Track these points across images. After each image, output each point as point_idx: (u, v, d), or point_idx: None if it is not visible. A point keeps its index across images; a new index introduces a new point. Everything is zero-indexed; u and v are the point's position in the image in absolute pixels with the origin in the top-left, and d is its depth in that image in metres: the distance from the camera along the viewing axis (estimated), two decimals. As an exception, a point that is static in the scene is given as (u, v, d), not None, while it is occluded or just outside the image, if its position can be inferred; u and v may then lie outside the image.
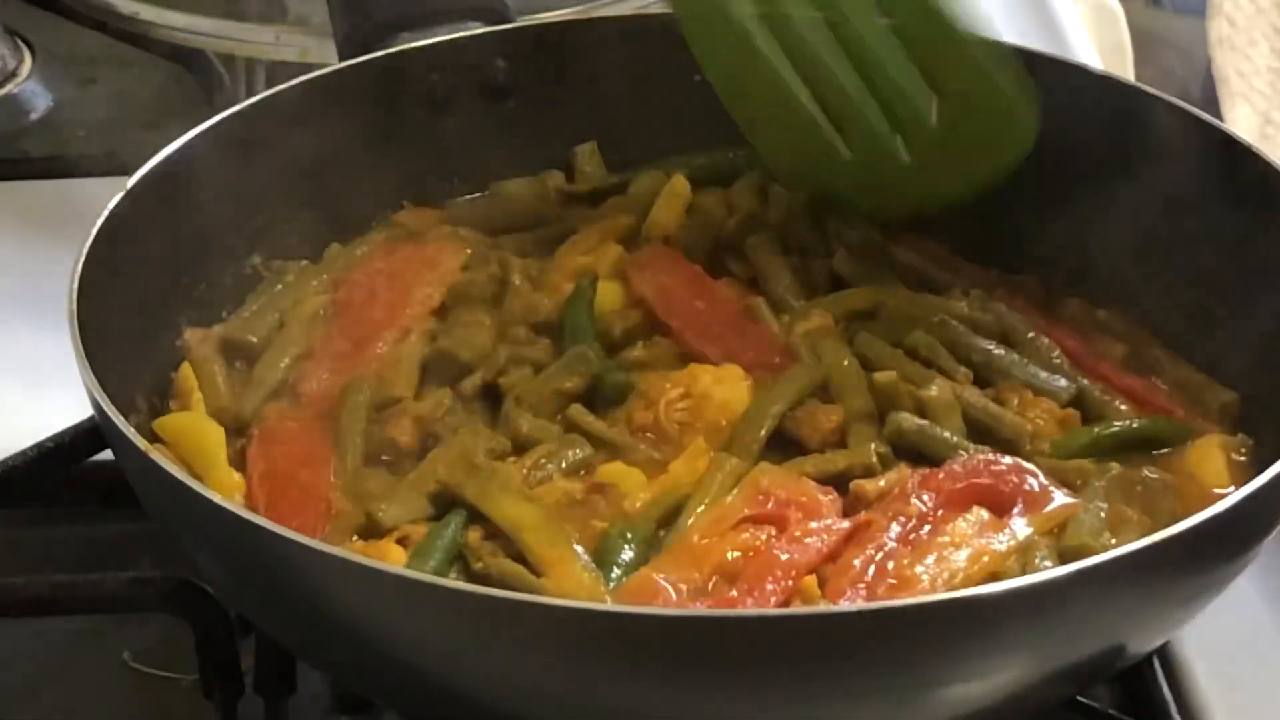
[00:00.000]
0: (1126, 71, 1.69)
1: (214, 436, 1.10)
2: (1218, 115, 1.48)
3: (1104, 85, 1.26)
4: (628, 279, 1.20)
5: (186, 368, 1.15)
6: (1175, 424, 1.13)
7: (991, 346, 1.16)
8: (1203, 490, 1.08)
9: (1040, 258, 1.25)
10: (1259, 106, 1.65)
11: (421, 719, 1.08)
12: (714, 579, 1.00)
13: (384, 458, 1.10)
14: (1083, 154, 1.25)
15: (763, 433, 1.10)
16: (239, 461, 1.10)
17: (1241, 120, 1.58)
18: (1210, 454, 1.10)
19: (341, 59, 1.29)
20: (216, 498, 0.95)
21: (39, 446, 1.17)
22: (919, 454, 1.09)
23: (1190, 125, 1.21)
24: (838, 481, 1.07)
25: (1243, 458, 1.10)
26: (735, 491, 1.05)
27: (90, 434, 1.16)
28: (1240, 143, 1.18)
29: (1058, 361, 1.16)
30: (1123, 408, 1.14)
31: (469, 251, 1.23)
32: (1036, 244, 1.25)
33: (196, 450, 1.09)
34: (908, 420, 1.09)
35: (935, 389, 1.11)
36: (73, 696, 1.13)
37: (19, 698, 1.13)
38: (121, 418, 0.99)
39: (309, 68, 1.29)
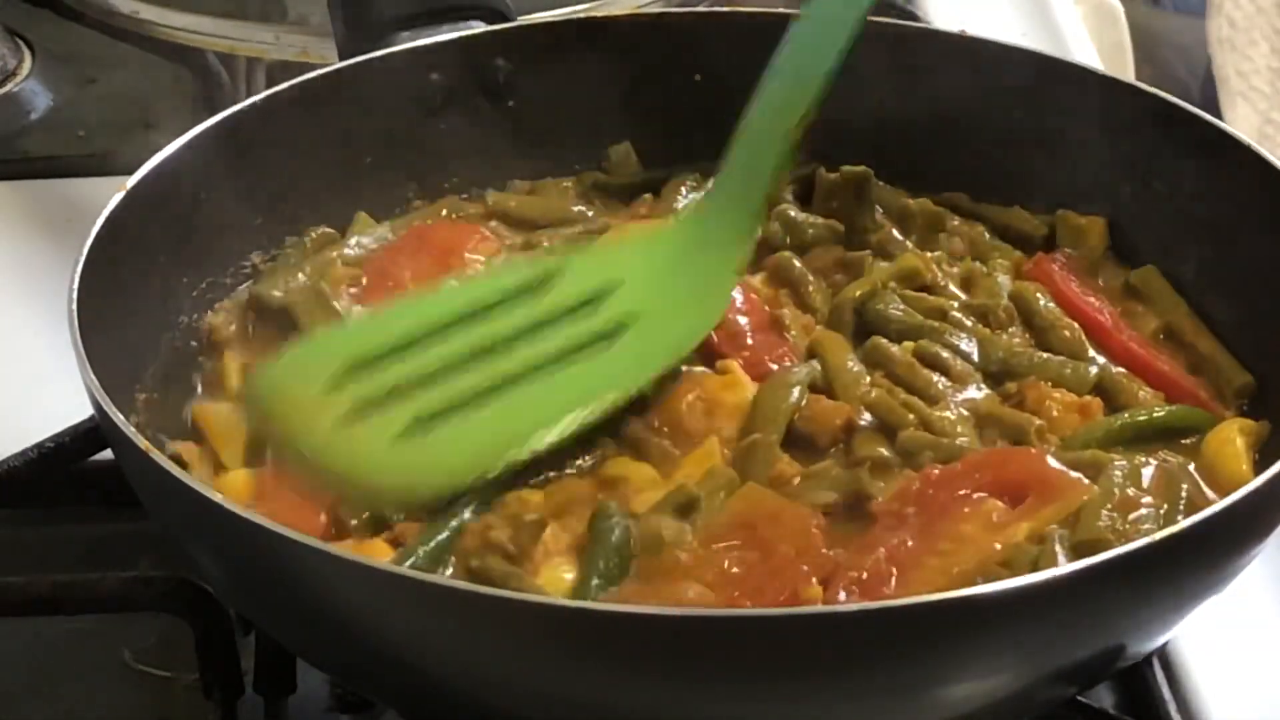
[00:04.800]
0: (1126, 71, 1.70)
1: (244, 431, 1.11)
2: (1218, 115, 1.48)
3: (1104, 85, 1.25)
4: None
5: (229, 358, 1.16)
6: (1195, 413, 1.13)
7: (1003, 351, 1.16)
8: (1221, 476, 1.08)
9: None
10: (1259, 106, 1.66)
11: (421, 718, 1.08)
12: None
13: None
14: (1084, 155, 1.25)
15: (775, 436, 1.09)
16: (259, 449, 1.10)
17: (1241, 120, 1.58)
18: (1229, 440, 1.10)
19: (341, 59, 1.29)
20: (216, 497, 0.95)
21: (39, 446, 1.17)
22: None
23: (1190, 125, 1.21)
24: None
25: (1259, 444, 1.10)
26: (721, 512, 1.05)
27: (90, 434, 1.16)
28: (1240, 142, 1.18)
29: (1080, 345, 1.16)
30: (1145, 393, 1.14)
31: (495, 242, 1.24)
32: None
33: (226, 442, 1.11)
34: (916, 437, 1.09)
35: (940, 411, 1.11)
36: (73, 696, 1.13)
37: (19, 698, 1.14)
38: (121, 418, 0.99)
39: (309, 67, 1.29)
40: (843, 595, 0.99)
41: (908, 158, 1.29)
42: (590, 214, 1.28)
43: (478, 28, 1.30)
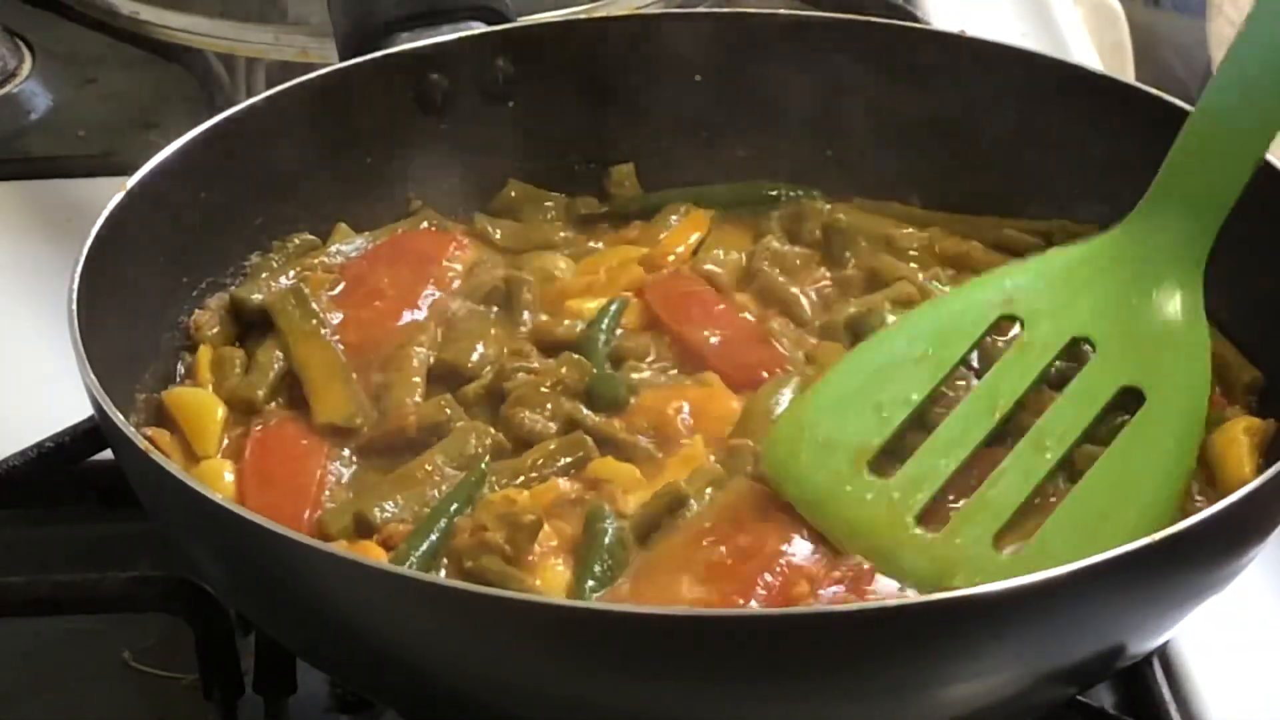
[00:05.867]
0: (1126, 71, 1.70)
1: (218, 418, 1.12)
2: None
3: (1104, 85, 1.25)
4: (643, 298, 1.20)
5: (204, 351, 1.16)
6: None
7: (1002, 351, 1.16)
8: (1224, 475, 1.08)
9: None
10: (1259, 107, 1.65)
11: (420, 718, 1.08)
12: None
13: (382, 453, 1.11)
14: (1084, 155, 1.25)
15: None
16: (239, 445, 1.11)
17: (1241, 120, 1.58)
18: (1234, 440, 1.09)
19: (341, 59, 1.29)
20: (217, 497, 0.95)
21: (39, 446, 1.17)
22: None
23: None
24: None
25: (1263, 444, 1.10)
26: (710, 508, 1.05)
27: (90, 434, 1.16)
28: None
29: (1081, 350, 1.16)
30: None
31: (473, 254, 1.24)
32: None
33: (199, 430, 1.11)
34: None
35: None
36: (73, 696, 1.13)
37: (19, 698, 1.14)
38: (121, 418, 0.99)
39: (309, 68, 1.29)
40: (832, 591, 0.99)
41: (907, 159, 1.30)
42: (573, 236, 1.28)
43: (478, 28, 1.30)
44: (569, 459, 1.09)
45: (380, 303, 1.20)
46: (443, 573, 1.02)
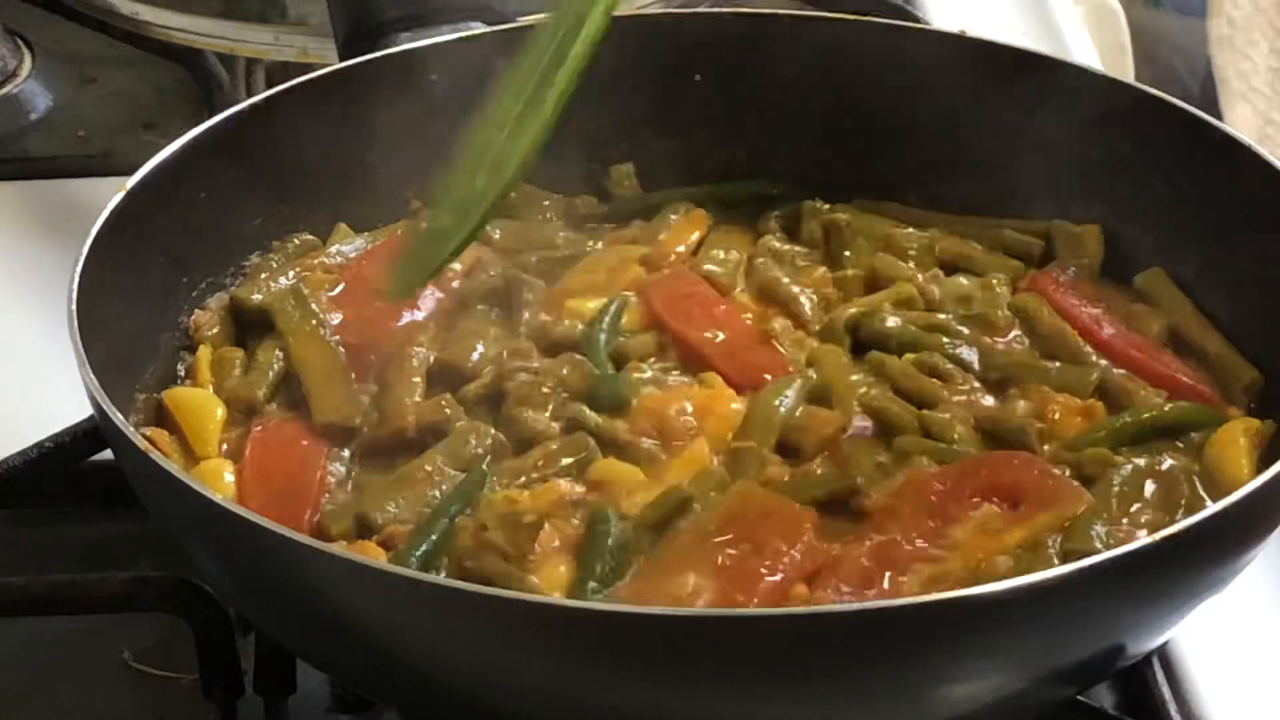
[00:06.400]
0: (1126, 71, 1.70)
1: (217, 418, 1.12)
2: (1218, 115, 1.48)
3: (1104, 85, 1.26)
4: (644, 298, 1.20)
5: (204, 351, 1.16)
6: (1200, 410, 1.13)
7: (1004, 354, 1.16)
8: (1223, 478, 1.08)
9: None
10: (1259, 106, 1.66)
11: (421, 718, 1.08)
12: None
13: (382, 453, 1.11)
14: (1084, 155, 1.25)
15: (766, 445, 1.09)
16: (239, 446, 1.11)
17: (1241, 120, 1.58)
18: (1232, 441, 1.10)
19: (341, 59, 1.29)
20: (216, 497, 0.95)
21: (39, 446, 1.17)
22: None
23: (1190, 125, 1.21)
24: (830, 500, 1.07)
25: (1262, 445, 1.10)
26: (715, 509, 1.05)
27: (90, 434, 1.16)
28: (1240, 142, 1.18)
29: (1081, 351, 1.16)
30: (1148, 394, 1.14)
31: (472, 254, 1.24)
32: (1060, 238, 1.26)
33: (199, 430, 1.11)
34: (913, 440, 1.09)
35: (940, 413, 1.11)
36: (73, 696, 1.14)
37: (19, 698, 1.14)
38: (121, 418, 0.99)
39: (309, 68, 1.29)
40: (833, 591, 0.99)
41: (907, 159, 1.30)
42: (573, 236, 1.28)
43: (477, 28, 1.30)
44: (571, 459, 1.09)
45: (380, 303, 1.20)
46: (443, 573, 1.02)
